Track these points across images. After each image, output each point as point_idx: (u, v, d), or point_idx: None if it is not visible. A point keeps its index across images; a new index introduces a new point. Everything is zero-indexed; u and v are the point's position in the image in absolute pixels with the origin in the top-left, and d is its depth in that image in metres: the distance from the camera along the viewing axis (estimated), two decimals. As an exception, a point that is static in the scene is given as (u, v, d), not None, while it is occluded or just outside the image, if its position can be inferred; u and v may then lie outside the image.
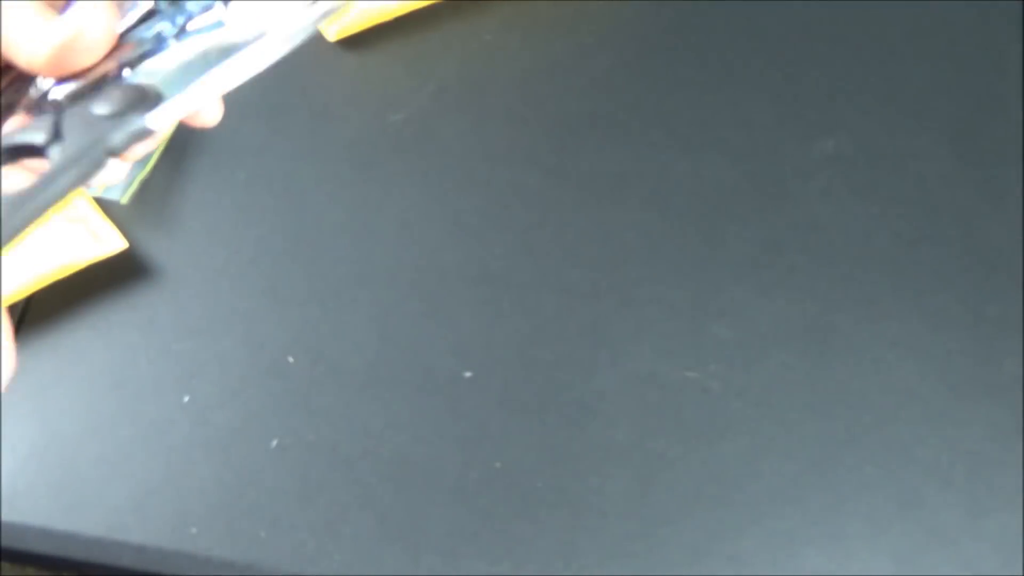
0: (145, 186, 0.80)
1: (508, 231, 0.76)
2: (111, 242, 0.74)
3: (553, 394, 0.70)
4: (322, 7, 0.40)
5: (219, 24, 0.40)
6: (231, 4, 0.41)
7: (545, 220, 0.76)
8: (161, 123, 0.38)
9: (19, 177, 0.37)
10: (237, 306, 0.76)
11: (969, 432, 0.69)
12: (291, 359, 0.71)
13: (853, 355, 0.72)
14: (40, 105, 0.39)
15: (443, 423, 0.69)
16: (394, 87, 0.84)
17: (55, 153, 0.37)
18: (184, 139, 0.83)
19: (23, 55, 0.37)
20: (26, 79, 0.41)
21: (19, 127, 0.38)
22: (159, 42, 0.40)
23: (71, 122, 0.37)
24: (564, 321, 0.73)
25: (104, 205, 0.76)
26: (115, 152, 0.37)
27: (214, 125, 0.41)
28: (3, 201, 0.34)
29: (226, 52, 0.40)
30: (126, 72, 0.39)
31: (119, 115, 0.37)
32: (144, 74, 0.39)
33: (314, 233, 0.77)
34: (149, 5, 0.41)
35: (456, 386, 0.70)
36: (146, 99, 0.38)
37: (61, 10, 0.38)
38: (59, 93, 0.39)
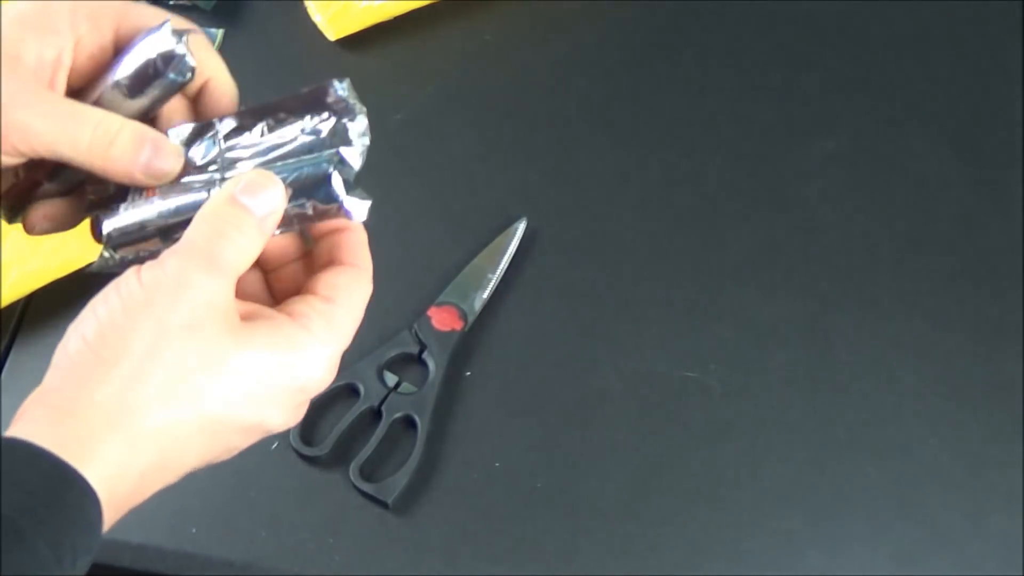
0: (145, 186, 0.80)
1: (508, 231, 0.76)
2: (111, 242, 0.74)
3: (553, 394, 0.70)
4: None
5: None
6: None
7: (545, 220, 0.76)
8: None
9: None
10: (237, 306, 0.75)
11: (969, 432, 0.69)
12: (291, 359, 0.71)
13: (853, 355, 0.72)
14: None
15: (443, 423, 0.69)
16: (394, 87, 0.84)
17: None
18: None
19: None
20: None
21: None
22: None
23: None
24: (564, 321, 0.73)
25: (104, 205, 0.76)
26: None
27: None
28: None
29: None
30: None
31: None
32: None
33: (314, 233, 0.77)
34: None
35: (456, 386, 0.70)
36: None
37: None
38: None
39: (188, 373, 0.41)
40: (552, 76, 0.84)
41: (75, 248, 0.72)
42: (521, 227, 0.75)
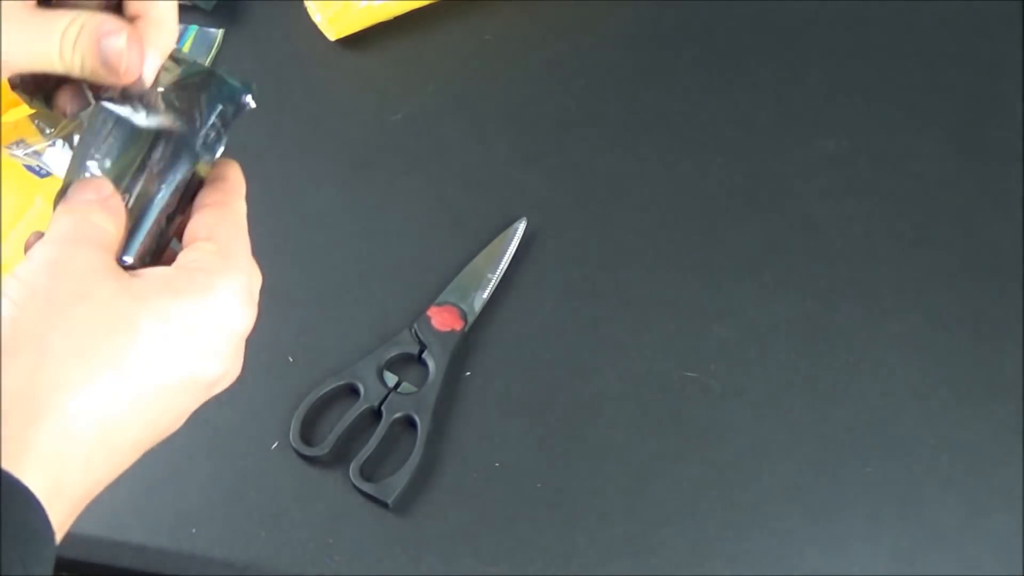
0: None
1: (508, 231, 0.76)
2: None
3: (553, 394, 0.70)
4: None
5: None
6: None
7: (545, 220, 0.76)
8: None
9: None
10: (237, 306, 0.75)
11: (969, 432, 0.69)
12: (291, 359, 0.71)
13: (853, 355, 0.72)
14: None
15: (443, 423, 0.69)
16: (394, 87, 0.84)
17: None
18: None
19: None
20: None
21: None
22: None
23: None
24: (564, 321, 0.73)
25: (104, 205, 0.76)
26: None
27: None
28: None
29: None
30: None
31: None
32: None
33: (314, 233, 0.77)
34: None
35: (456, 386, 0.70)
36: None
37: None
38: None
39: (96, 340, 0.39)
40: (552, 76, 0.84)
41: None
42: (521, 227, 0.75)
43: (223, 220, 0.45)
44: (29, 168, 0.75)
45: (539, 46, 0.85)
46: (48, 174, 0.75)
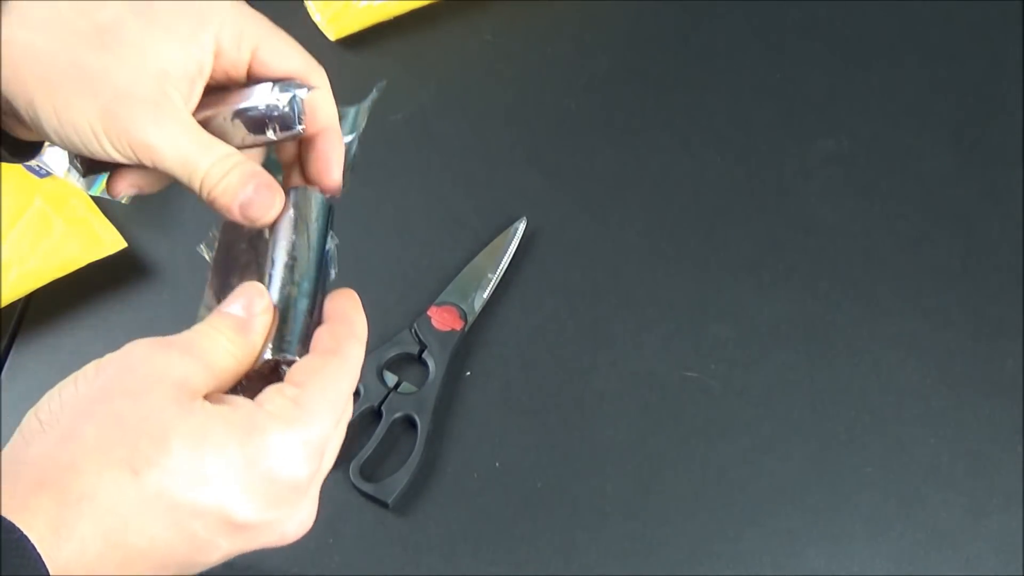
0: (145, 186, 0.80)
1: (508, 231, 0.76)
2: (111, 242, 0.74)
3: (553, 394, 0.70)
4: None
5: None
6: None
7: (545, 220, 0.76)
8: None
9: None
10: (237, 306, 0.75)
11: (969, 432, 0.69)
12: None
13: (853, 355, 0.72)
14: None
15: (443, 423, 0.69)
16: (394, 87, 0.84)
17: None
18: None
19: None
20: None
21: None
22: None
23: None
24: (564, 321, 0.73)
25: (104, 205, 0.76)
26: None
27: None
28: None
29: None
30: None
31: None
32: None
33: (314, 233, 0.77)
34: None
35: (456, 386, 0.70)
36: None
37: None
38: None
39: (123, 437, 0.39)
40: (552, 76, 0.84)
41: (75, 248, 0.72)
42: (521, 227, 0.75)
43: (322, 371, 0.45)
44: (29, 168, 0.75)
45: (539, 46, 0.85)
46: (48, 174, 0.75)
